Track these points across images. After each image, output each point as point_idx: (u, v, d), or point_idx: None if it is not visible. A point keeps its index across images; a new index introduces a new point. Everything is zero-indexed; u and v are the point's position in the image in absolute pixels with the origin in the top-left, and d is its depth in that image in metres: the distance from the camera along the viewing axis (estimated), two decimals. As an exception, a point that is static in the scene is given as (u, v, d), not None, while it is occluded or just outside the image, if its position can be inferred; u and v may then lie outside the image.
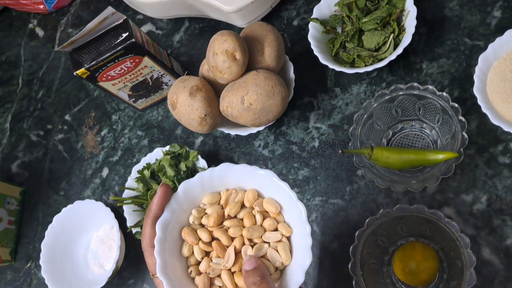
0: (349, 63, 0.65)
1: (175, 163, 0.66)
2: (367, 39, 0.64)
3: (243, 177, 0.45)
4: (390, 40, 0.63)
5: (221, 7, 0.69)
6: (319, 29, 0.67)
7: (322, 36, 0.67)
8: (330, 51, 0.67)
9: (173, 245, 0.43)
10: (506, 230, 0.54)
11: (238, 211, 0.44)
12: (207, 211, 0.44)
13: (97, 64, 0.63)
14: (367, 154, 0.56)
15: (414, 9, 0.61)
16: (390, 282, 0.55)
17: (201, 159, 0.66)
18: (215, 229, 0.43)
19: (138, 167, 0.70)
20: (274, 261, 0.42)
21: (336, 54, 0.67)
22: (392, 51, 0.62)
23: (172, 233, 0.43)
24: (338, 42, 0.66)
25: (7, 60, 0.92)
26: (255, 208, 0.44)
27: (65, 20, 0.91)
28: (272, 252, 0.42)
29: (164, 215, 0.43)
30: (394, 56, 0.60)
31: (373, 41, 0.64)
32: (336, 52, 0.66)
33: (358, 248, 0.53)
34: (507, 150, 0.57)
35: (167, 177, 0.65)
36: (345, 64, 0.65)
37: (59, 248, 0.70)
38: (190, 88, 0.60)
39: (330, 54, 0.67)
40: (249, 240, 0.43)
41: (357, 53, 0.64)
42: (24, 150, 0.83)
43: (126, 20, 0.63)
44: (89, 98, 0.82)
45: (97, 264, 0.70)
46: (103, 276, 0.67)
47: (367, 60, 0.64)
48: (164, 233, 0.42)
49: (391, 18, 0.64)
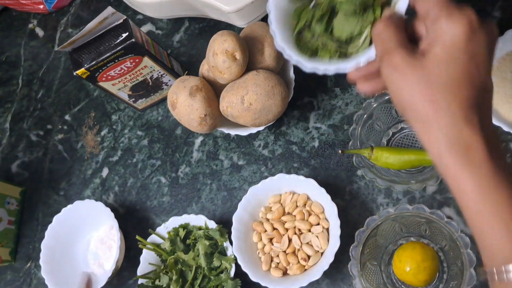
0: (311, 50, 0.45)
1: (210, 253, 0.61)
2: (338, 25, 0.44)
3: (293, 183, 0.62)
4: (366, 34, 0.42)
5: (221, 7, 0.69)
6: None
7: (287, 4, 0.46)
8: (293, 28, 0.46)
9: (246, 233, 0.61)
10: (506, 230, 0.54)
11: (294, 209, 0.61)
12: (272, 208, 0.62)
13: (97, 64, 0.63)
14: (367, 154, 0.56)
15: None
16: (390, 282, 0.55)
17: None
18: (276, 222, 0.61)
19: (177, 220, 0.65)
20: (315, 246, 0.59)
21: (299, 32, 0.46)
22: (367, 47, 0.42)
23: (245, 224, 0.61)
24: (305, 17, 0.46)
25: (7, 60, 0.92)
26: (306, 207, 0.61)
27: (65, 20, 0.91)
28: (315, 240, 0.59)
29: (239, 211, 0.61)
30: (365, 59, 0.40)
31: (345, 29, 0.43)
32: (299, 30, 0.46)
33: (358, 248, 0.53)
34: (508, 150, 0.57)
35: (194, 256, 0.62)
36: (305, 51, 0.45)
37: (59, 248, 0.70)
38: (190, 88, 0.60)
39: (291, 32, 0.46)
40: (299, 230, 0.60)
41: (322, 43, 0.44)
42: (24, 150, 0.83)
43: (126, 20, 0.63)
44: (89, 98, 0.82)
45: (97, 264, 0.70)
46: (103, 276, 0.67)
47: (332, 53, 0.44)
48: (239, 224, 0.61)
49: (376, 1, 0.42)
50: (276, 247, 0.60)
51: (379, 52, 0.38)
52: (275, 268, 0.59)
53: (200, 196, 0.69)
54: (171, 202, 0.70)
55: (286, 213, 0.62)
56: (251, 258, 0.60)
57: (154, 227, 0.69)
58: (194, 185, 0.70)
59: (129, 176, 0.74)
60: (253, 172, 0.68)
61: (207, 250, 0.61)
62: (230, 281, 0.59)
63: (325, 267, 0.55)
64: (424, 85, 0.34)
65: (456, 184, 0.34)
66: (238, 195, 0.67)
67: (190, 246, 0.64)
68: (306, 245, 0.59)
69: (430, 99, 0.34)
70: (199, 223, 0.65)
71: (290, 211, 0.62)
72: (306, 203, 0.62)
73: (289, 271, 0.59)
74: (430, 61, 0.34)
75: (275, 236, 0.61)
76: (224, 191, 0.68)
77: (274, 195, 0.63)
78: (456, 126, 0.33)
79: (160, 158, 0.73)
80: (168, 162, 0.73)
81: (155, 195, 0.72)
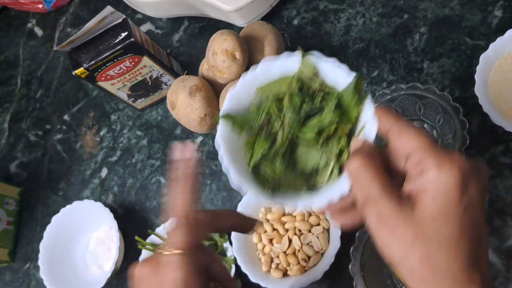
0: (273, 184, 0.39)
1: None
2: (301, 158, 0.39)
3: None
4: (332, 165, 0.38)
5: (221, 6, 0.69)
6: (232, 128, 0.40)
7: (234, 138, 0.40)
8: (247, 162, 0.40)
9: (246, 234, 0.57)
10: (507, 231, 0.54)
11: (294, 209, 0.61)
12: (272, 209, 0.62)
13: (96, 64, 0.63)
14: (368, 154, 0.55)
15: (374, 124, 0.35)
16: (391, 283, 0.55)
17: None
18: (276, 223, 0.61)
19: None
20: (316, 247, 0.58)
21: (256, 166, 0.39)
22: (336, 178, 0.37)
23: None
24: (259, 149, 0.40)
25: (5, 59, 0.92)
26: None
27: (64, 20, 0.91)
28: (315, 240, 0.59)
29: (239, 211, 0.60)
30: (343, 191, 0.35)
31: (309, 162, 0.39)
32: (255, 164, 0.39)
33: (358, 249, 0.53)
34: (508, 150, 0.57)
35: None
36: (266, 186, 0.39)
37: (58, 249, 0.70)
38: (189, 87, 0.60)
39: (247, 166, 0.40)
40: (299, 231, 0.60)
41: (285, 176, 0.39)
42: (22, 150, 0.82)
43: (125, 20, 0.63)
44: (88, 98, 0.82)
45: (96, 265, 0.70)
46: (102, 277, 0.67)
47: (298, 187, 0.39)
48: None
49: (339, 132, 0.38)
50: (276, 248, 0.60)
51: (361, 198, 0.33)
52: (275, 269, 0.59)
53: (200, 196, 0.69)
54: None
55: (286, 213, 0.62)
56: (251, 259, 0.60)
57: (153, 227, 0.69)
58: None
59: (128, 177, 0.74)
60: (253, 172, 0.67)
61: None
62: None
63: (326, 268, 0.55)
64: (420, 243, 0.31)
65: None
66: (238, 195, 0.67)
67: None
68: (306, 245, 0.59)
69: (427, 259, 0.31)
70: None
71: (290, 212, 0.62)
72: None
73: (289, 272, 0.59)
74: (422, 215, 0.31)
75: (275, 237, 0.60)
76: (224, 191, 0.68)
77: None
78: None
79: (160, 158, 0.73)
80: (168, 162, 0.72)
81: (155, 196, 0.72)
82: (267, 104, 0.40)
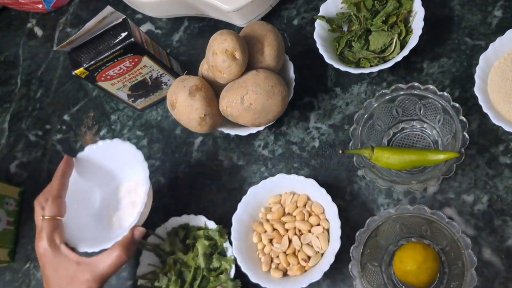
0: (355, 63, 0.64)
1: (210, 253, 0.61)
2: (373, 40, 0.63)
3: (293, 183, 0.62)
4: (396, 41, 0.61)
5: (221, 6, 0.69)
6: (325, 28, 0.66)
7: (327, 35, 0.66)
8: (335, 50, 0.66)
9: (246, 234, 0.61)
10: (507, 231, 0.54)
11: (294, 209, 0.61)
12: (272, 209, 0.62)
13: (96, 64, 0.63)
14: (368, 154, 0.55)
15: (422, 11, 0.60)
16: (391, 283, 0.55)
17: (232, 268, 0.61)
18: (276, 223, 0.61)
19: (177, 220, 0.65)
20: (316, 247, 0.58)
21: (341, 53, 0.66)
22: (399, 52, 0.61)
23: (245, 225, 0.61)
24: (343, 41, 0.65)
25: (5, 59, 0.92)
26: (306, 208, 0.61)
27: (64, 20, 0.91)
28: (315, 240, 0.59)
29: (238, 212, 0.61)
30: (400, 58, 0.59)
31: (379, 42, 0.63)
32: (341, 51, 0.66)
33: (358, 248, 0.53)
34: (508, 150, 0.57)
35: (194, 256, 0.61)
36: (350, 64, 0.64)
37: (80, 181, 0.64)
38: (189, 87, 0.60)
39: (335, 53, 0.66)
40: (299, 231, 0.60)
41: (363, 56, 0.63)
42: (22, 150, 0.82)
43: (125, 20, 0.63)
44: (88, 98, 0.82)
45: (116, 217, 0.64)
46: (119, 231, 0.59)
47: (372, 60, 0.63)
48: (239, 225, 0.60)
49: (399, 19, 0.62)
50: (276, 248, 0.60)
51: None
52: (275, 269, 0.59)
53: (199, 196, 0.69)
54: (171, 202, 0.70)
55: (286, 213, 0.62)
56: (251, 259, 0.60)
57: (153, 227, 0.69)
58: (193, 186, 0.70)
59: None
60: (253, 172, 0.67)
61: (206, 251, 0.61)
62: (230, 282, 0.59)
63: (326, 268, 0.55)
64: None
65: None
66: (238, 195, 0.66)
67: (190, 246, 0.64)
68: (306, 245, 0.59)
69: None
70: (198, 223, 0.64)
71: (290, 212, 0.62)
72: (306, 203, 0.61)
73: (289, 272, 0.59)
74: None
75: (275, 237, 0.60)
76: (223, 191, 0.68)
77: (274, 196, 0.63)
78: None
79: (160, 158, 0.73)
80: (168, 162, 0.72)
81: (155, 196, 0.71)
82: (349, 8, 0.65)
